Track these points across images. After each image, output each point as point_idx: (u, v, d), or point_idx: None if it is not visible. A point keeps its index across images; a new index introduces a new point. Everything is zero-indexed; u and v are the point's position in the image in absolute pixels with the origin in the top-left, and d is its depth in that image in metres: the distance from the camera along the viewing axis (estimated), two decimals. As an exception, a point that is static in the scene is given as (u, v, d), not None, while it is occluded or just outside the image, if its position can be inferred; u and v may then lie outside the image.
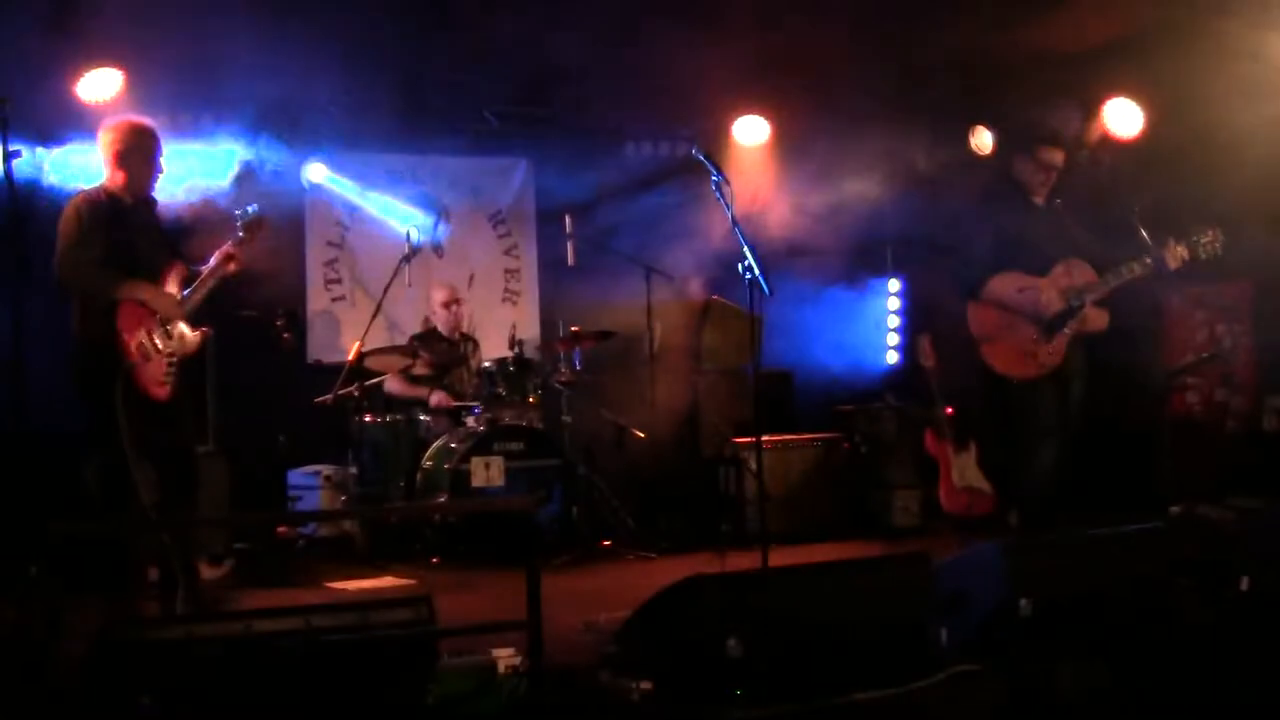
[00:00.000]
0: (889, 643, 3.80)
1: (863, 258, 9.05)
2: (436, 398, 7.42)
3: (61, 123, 6.73)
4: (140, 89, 6.77)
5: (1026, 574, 4.03)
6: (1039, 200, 5.69)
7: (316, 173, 8.11)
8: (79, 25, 6.09)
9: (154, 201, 5.27)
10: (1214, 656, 4.12)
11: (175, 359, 5.09)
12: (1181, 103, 7.20)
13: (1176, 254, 5.45)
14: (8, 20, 6.00)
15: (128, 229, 5.05)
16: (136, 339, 4.88)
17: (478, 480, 6.69)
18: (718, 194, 4.98)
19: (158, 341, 4.99)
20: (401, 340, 7.80)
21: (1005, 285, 5.57)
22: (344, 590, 6.05)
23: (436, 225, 8.57)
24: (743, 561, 5.96)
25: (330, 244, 8.34)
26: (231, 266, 5.38)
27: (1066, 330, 5.53)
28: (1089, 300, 5.52)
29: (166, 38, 6.36)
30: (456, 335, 7.76)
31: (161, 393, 4.98)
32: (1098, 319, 5.59)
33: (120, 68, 6.65)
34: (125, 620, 4.25)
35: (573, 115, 8.39)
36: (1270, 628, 4.38)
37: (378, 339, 7.79)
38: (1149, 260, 5.44)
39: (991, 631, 4.02)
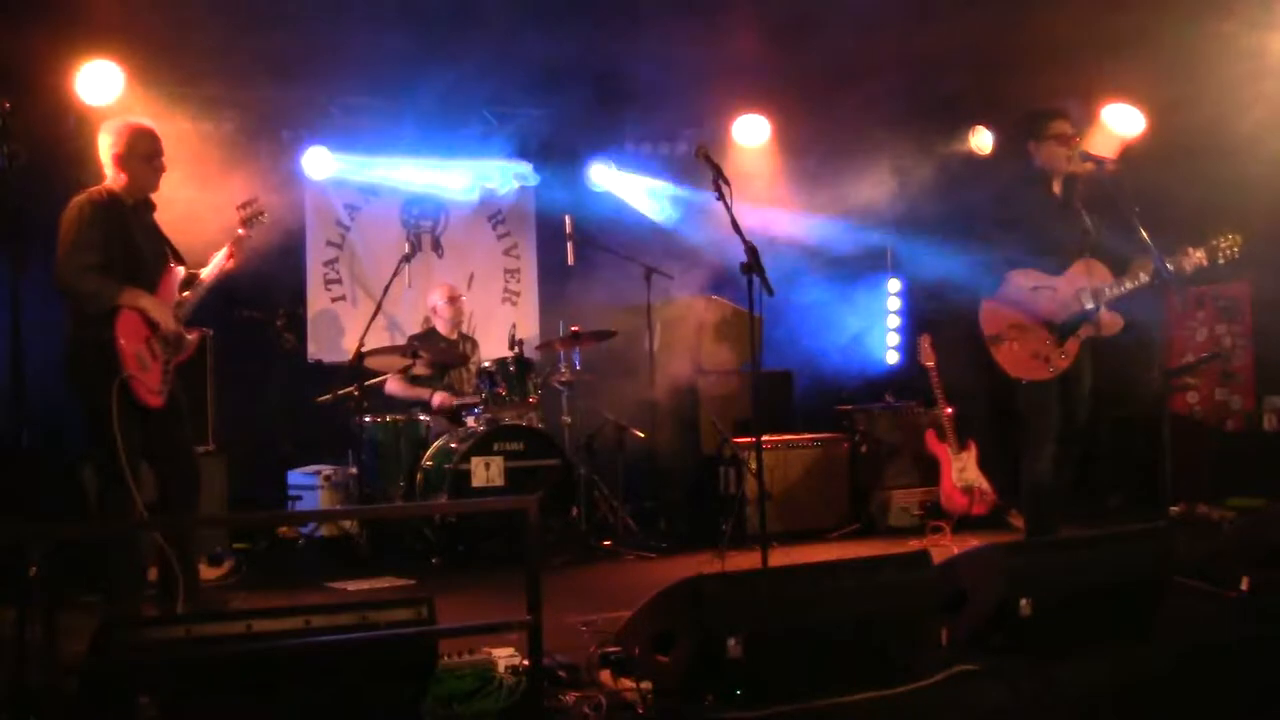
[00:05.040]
0: (889, 643, 3.80)
1: (863, 258, 9.05)
2: (439, 398, 7.42)
3: (61, 123, 6.74)
4: (141, 87, 6.78)
5: (1026, 574, 4.03)
6: (1057, 189, 5.63)
7: None
8: (80, 23, 6.10)
9: (152, 204, 5.26)
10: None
11: (172, 365, 5.08)
12: (1181, 103, 7.20)
13: (1194, 259, 5.41)
14: (8, 20, 6.00)
15: (129, 231, 5.03)
16: (135, 348, 4.85)
17: (478, 480, 6.69)
18: (717, 194, 4.97)
19: (155, 350, 4.98)
20: (401, 340, 7.80)
21: (1021, 283, 5.50)
22: (344, 590, 6.05)
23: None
24: (743, 561, 5.97)
25: (330, 244, 8.34)
26: (231, 264, 5.39)
27: (1080, 334, 5.49)
28: (1104, 303, 5.46)
29: (167, 34, 6.37)
30: (456, 335, 7.76)
31: (157, 401, 4.96)
32: (1112, 322, 5.51)
33: (121, 64, 6.65)
34: (125, 620, 4.24)
35: (573, 115, 8.39)
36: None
37: (378, 339, 7.80)
38: (1168, 266, 5.39)
39: (991, 631, 4.02)
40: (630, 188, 8.66)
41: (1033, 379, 5.48)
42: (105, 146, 5.09)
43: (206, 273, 5.33)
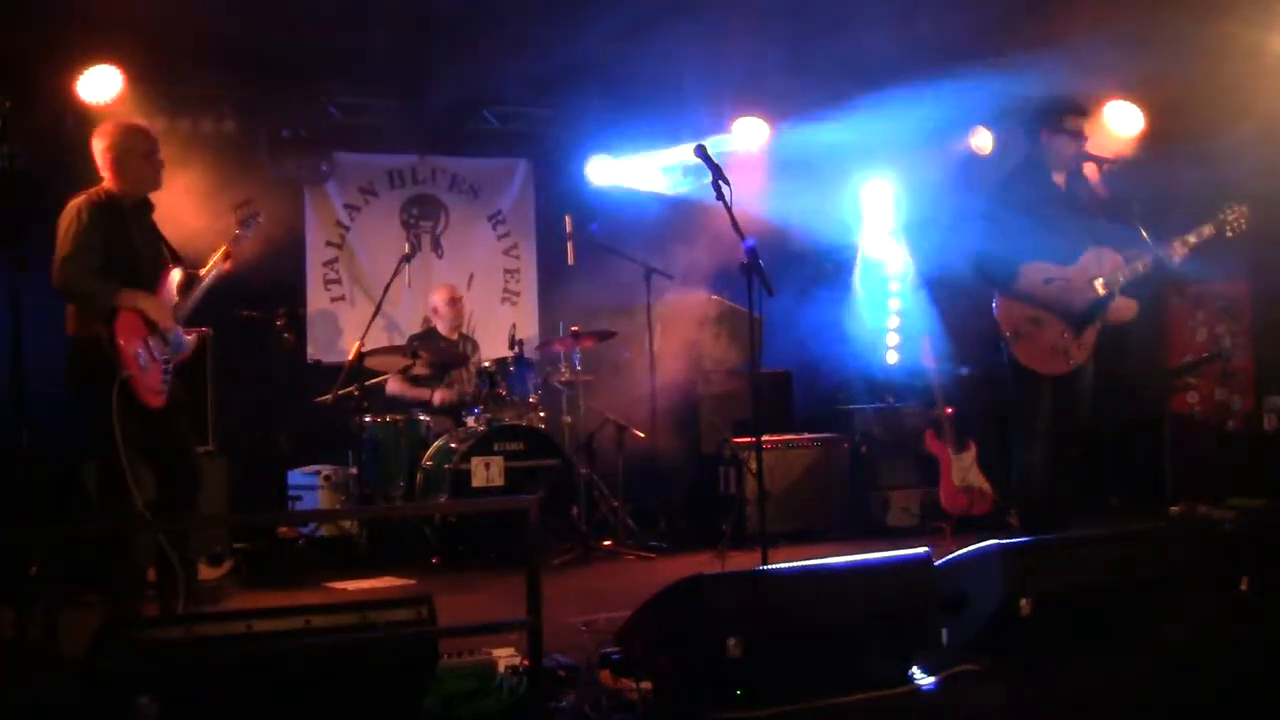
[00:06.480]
0: (889, 643, 3.80)
1: (863, 257, 9.05)
2: (440, 395, 7.41)
3: (61, 123, 6.75)
4: (141, 87, 6.79)
5: (1026, 574, 4.03)
6: (1060, 181, 5.62)
7: None
8: (80, 23, 6.10)
9: (151, 204, 5.25)
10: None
11: (171, 365, 5.08)
12: (1181, 103, 7.21)
13: (1203, 234, 5.43)
14: (8, 20, 6.00)
15: (127, 233, 5.02)
16: (134, 348, 4.84)
17: (478, 480, 6.69)
18: (717, 194, 4.97)
19: (155, 350, 4.97)
20: (401, 340, 7.81)
21: (1034, 276, 5.48)
22: (344, 590, 6.05)
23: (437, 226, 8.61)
24: (743, 561, 5.97)
25: (330, 244, 8.34)
26: (228, 265, 5.38)
27: (1097, 323, 5.48)
28: (1118, 289, 5.45)
29: (167, 34, 6.37)
30: (456, 335, 7.76)
31: (158, 401, 4.95)
32: (1126, 309, 5.51)
33: (121, 64, 6.65)
34: (125, 620, 4.25)
35: (573, 115, 8.40)
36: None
37: (378, 339, 7.80)
38: (1174, 246, 5.39)
39: (991, 631, 4.02)
40: (635, 168, 8.65)
41: (1053, 372, 5.47)
42: (100, 150, 5.07)
43: (204, 274, 5.33)
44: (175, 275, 5.21)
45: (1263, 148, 6.77)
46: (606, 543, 7.11)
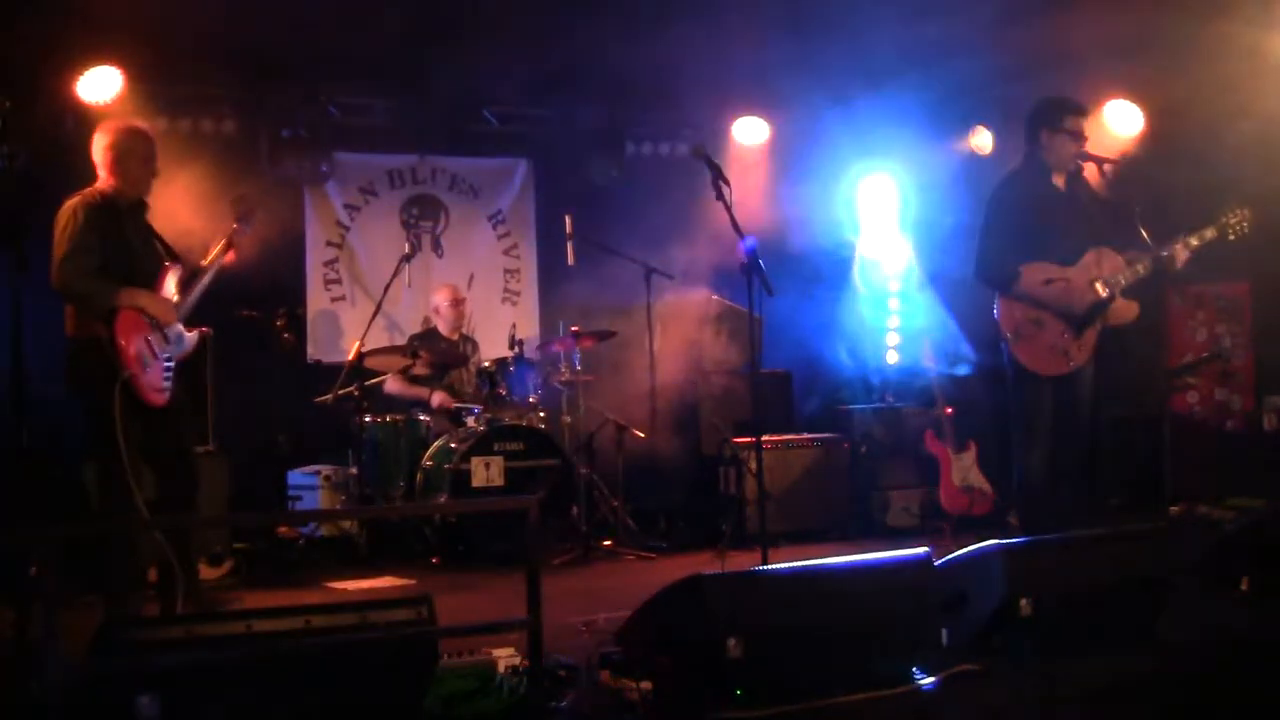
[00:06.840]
0: (889, 643, 3.80)
1: (863, 256, 9.04)
2: (438, 398, 7.42)
3: (61, 123, 6.75)
4: (141, 87, 6.79)
5: (1026, 574, 4.03)
6: (1059, 182, 5.61)
7: None
8: (80, 23, 6.10)
9: (146, 204, 5.25)
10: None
11: (173, 363, 5.08)
12: (1181, 103, 7.21)
13: (1205, 236, 5.44)
14: (8, 20, 6.00)
15: (124, 232, 5.02)
16: (135, 347, 4.84)
17: (478, 480, 6.69)
18: (717, 194, 4.97)
19: (156, 348, 4.97)
20: (401, 340, 7.80)
21: (1035, 277, 5.46)
22: (344, 590, 6.05)
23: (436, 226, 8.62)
24: (743, 561, 5.97)
25: (330, 244, 8.33)
26: (230, 256, 5.38)
27: (1097, 324, 5.48)
28: (1118, 291, 5.44)
29: (167, 34, 6.37)
30: (457, 335, 7.76)
31: (160, 399, 4.95)
32: (1126, 310, 5.50)
33: (120, 64, 6.65)
34: (125, 620, 4.25)
35: (573, 115, 8.39)
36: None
37: (378, 339, 7.80)
38: (1176, 245, 5.40)
39: (991, 631, 4.02)
40: (634, 168, 8.67)
41: (1053, 373, 5.47)
42: (100, 148, 5.07)
43: (203, 270, 5.32)
44: (174, 273, 5.21)
45: (1263, 148, 6.77)
46: (606, 543, 7.11)
